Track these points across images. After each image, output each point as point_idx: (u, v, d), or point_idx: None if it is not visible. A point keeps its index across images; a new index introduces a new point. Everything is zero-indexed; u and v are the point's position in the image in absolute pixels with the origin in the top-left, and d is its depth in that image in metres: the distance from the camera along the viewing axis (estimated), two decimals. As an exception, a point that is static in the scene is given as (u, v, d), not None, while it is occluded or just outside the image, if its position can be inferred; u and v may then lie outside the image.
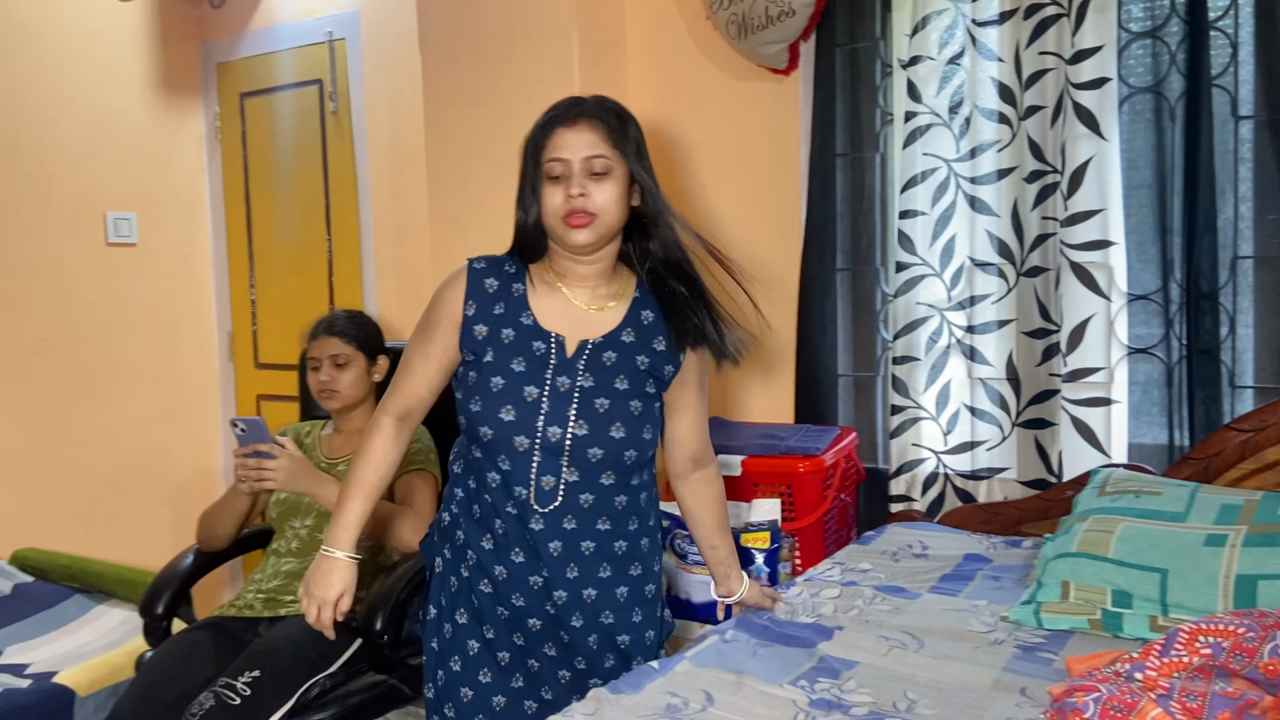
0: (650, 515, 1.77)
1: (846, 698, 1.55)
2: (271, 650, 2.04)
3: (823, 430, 2.54)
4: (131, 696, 2.01)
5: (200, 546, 2.41)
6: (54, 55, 3.41)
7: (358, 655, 2.15)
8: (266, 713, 1.94)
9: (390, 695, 2.17)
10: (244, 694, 1.91)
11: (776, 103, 2.76)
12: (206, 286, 3.98)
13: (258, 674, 1.96)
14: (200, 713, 1.88)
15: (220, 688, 1.92)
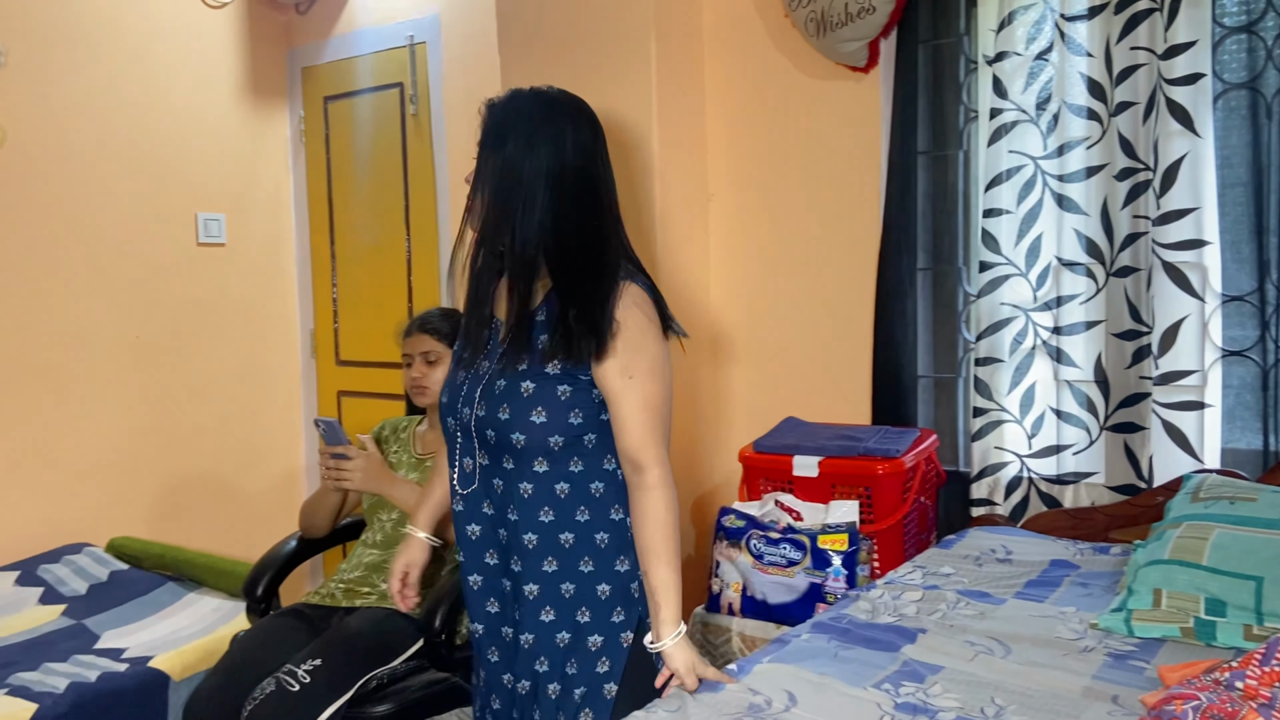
0: (611, 508, 1.66)
1: (933, 702, 1.53)
2: (337, 641, 2.09)
3: (902, 432, 2.51)
4: (212, 677, 2.08)
5: (303, 534, 2.48)
6: (149, 61, 3.53)
7: (423, 651, 2.18)
8: (325, 702, 1.98)
9: (452, 693, 2.19)
10: (303, 681, 1.96)
11: (855, 101, 2.73)
12: (290, 285, 4.08)
13: (319, 663, 2.00)
14: (260, 697, 1.94)
15: (283, 674, 1.98)
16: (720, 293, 3.01)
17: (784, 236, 2.89)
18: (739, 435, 2.96)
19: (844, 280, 2.79)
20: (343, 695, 2.00)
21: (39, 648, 2.62)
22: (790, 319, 2.89)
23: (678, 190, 2.85)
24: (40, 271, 3.25)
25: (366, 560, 2.35)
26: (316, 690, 1.96)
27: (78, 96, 3.33)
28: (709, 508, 3.00)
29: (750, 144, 2.92)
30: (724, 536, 2.45)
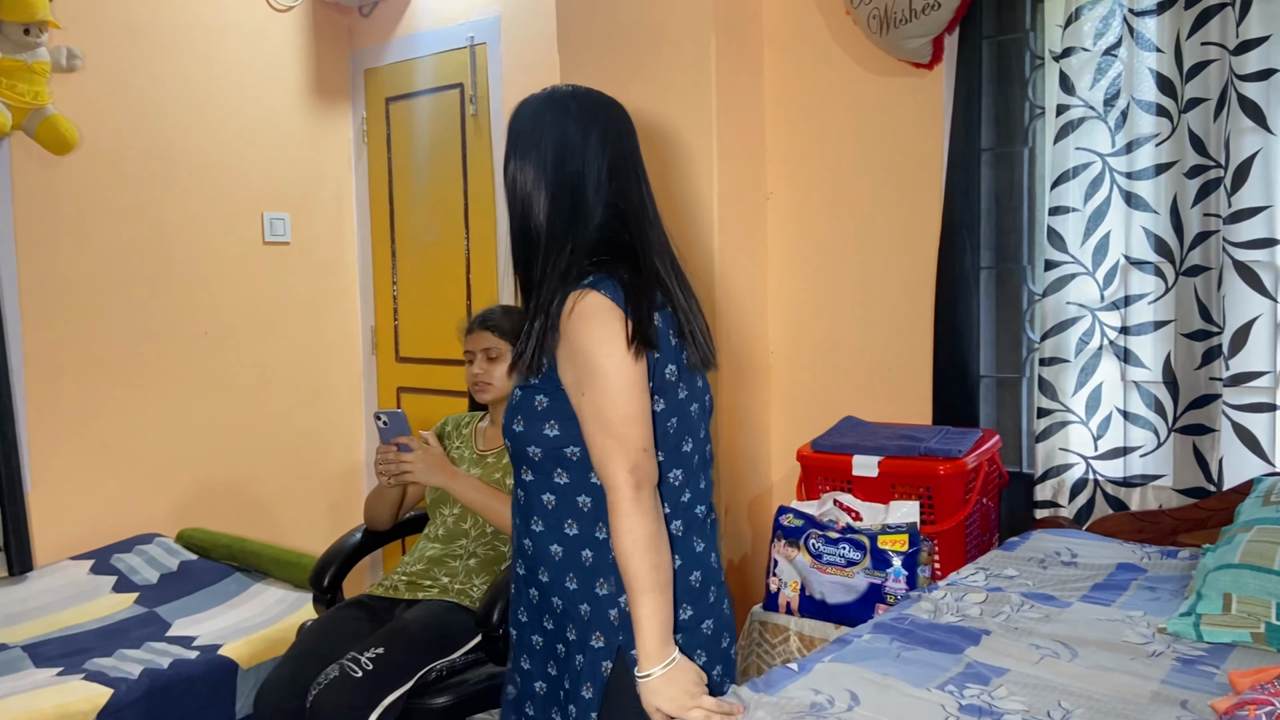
0: (595, 526, 1.58)
1: (998, 704, 1.52)
2: (400, 631, 2.13)
3: (964, 432, 2.49)
4: (282, 667, 2.13)
5: (367, 526, 2.53)
6: (218, 64, 3.62)
7: (480, 645, 2.21)
8: (386, 689, 2.02)
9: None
10: (366, 668, 2.00)
11: (918, 97, 2.71)
12: (352, 283, 4.16)
13: (381, 651, 2.04)
14: (325, 682, 1.99)
15: (346, 661, 2.02)
16: (778, 291, 3.00)
17: (843, 234, 2.88)
18: (797, 434, 2.95)
19: (905, 278, 2.77)
20: (404, 684, 2.04)
21: (114, 634, 2.70)
22: (849, 317, 2.87)
23: (735, 189, 2.85)
24: (114, 269, 3.35)
25: (429, 554, 2.39)
26: (378, 678, 2.00)
27: (150, 99, 3.42)
28: (766, 506, 3.00)
29: (809, 141, 2.92)
30: (782, 535, 2.44)
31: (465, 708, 2.14)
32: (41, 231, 3.16)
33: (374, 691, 1.99)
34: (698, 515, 1.65)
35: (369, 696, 1.98)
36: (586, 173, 1.60)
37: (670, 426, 1.60)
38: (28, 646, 2.62)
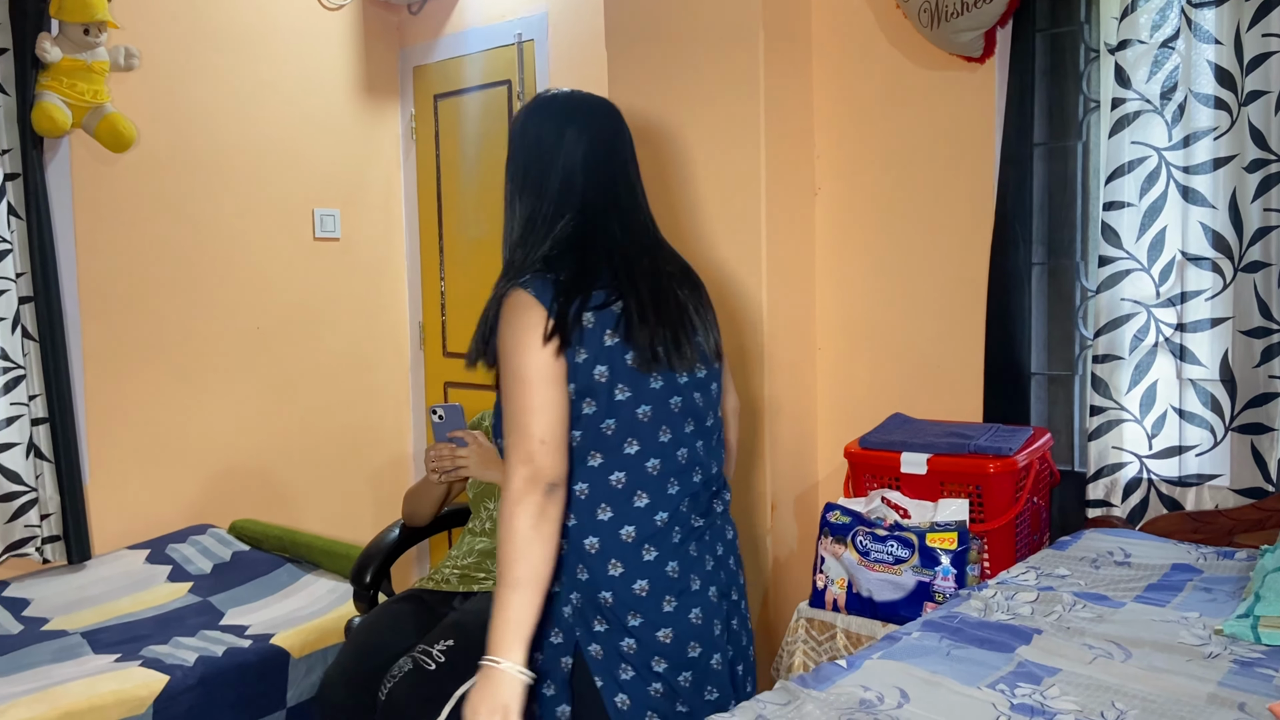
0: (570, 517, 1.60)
1: (1050, 704, 1.50)
2: (466, 623, 2.14)
3: (1015, 430, 2.46)
4: (342, 660, 2.16)
5: (405, 522, 2.55)
6: (268, 61, 3.67)
7: None
8: (457, 681, 2.03)
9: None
10: (439, 661, 2.02)
11: (969, 91, 2.68)
12: (400, 279, 4.20)
13: (452, 643, 2.06)
14: (399, 675, 2.01)
15: (418, 654, 2.04)
16: (826, 287, 2.99)
17: (892, 230, 2.85)
18: (844, 431, 2.93)
19: (954, 274, 2.74)
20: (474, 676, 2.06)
21: (169, 623, 2.76)
22: (898, 313, 2.85)
23: (783, 185, 2.84)
24: (169, 265, 3.41)
25: (478, 547, 2.41)
26: (451, 670, 2.03)
27: (204, 97, 3.48)
28: (813, 503, 2.99)
29: (858, 136, 2.90)
30: (829, 532, 2.43)
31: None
32: (100, 228, 3.23)
33: (447, 683, 2.01)
34: (656, 523, 1.61)
35: (443, 688, 2.00)
36: (552, 172, 1.65)
37: (606, 429, 1.59)
38: (87, 633, 2.68)
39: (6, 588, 2.88)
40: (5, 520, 2.92)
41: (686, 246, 2.92)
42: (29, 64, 2.93)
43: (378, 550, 2.49)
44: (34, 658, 2.52)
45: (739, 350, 2.82)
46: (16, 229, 2.94)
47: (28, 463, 2.95)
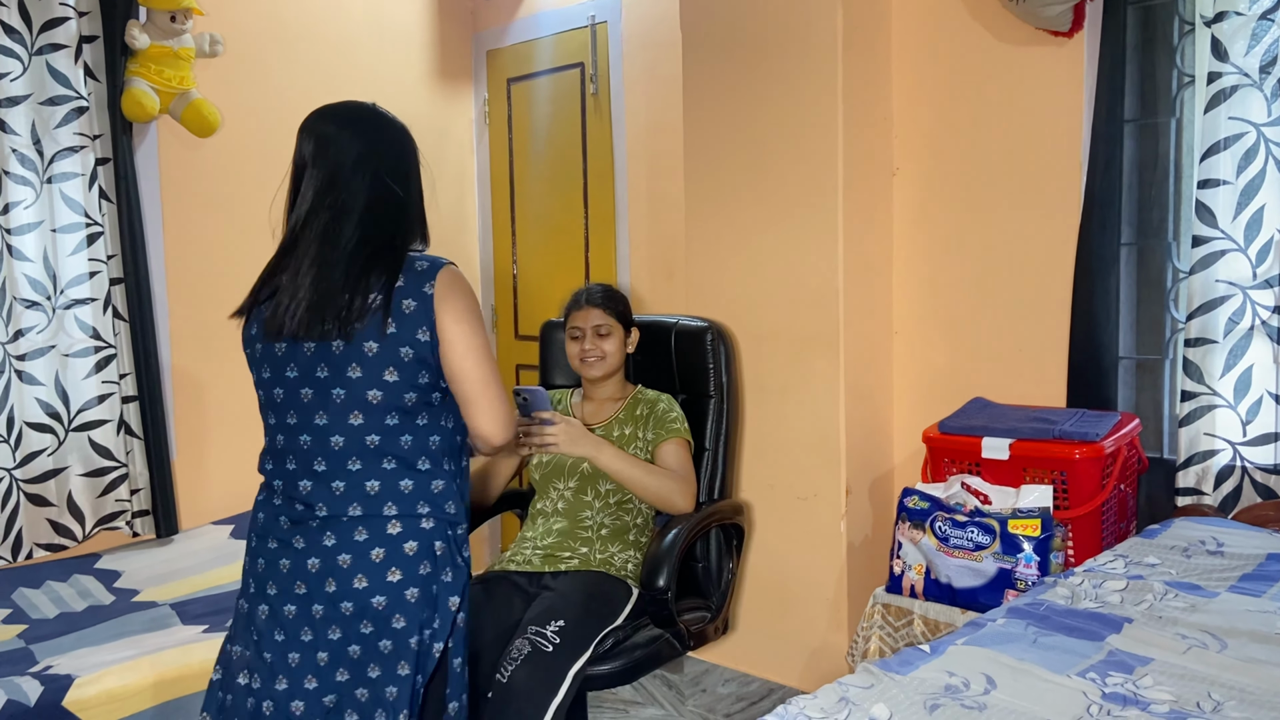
0: None
1: (1144, 694, 1.46)
2: (568, 603, 2.17)
3: (1101, 415, 2.39)
4: None
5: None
6: (345, 48, 3.72)
7: (637, 609, 2.25)
8: (572, 659, 2.07)
9: (665, 649, 2.27)
10: (554, 642, 2.05)
11: (1057, 66, 2.61)
12: (474, 263, 4.24)
13: (562, 624, 2.08)
14: (520, 657, 2.02)
15: (532, 635, 2.06)
16: (903, 269, 2.94)
17: (974, 210, 2.79)
18: (921, 415, 2.89)
19: (1039, 255, 2.68)
20: (585, 653, 2.09)
21: (253, 595, 2.82)
22: (979, 296, 2.79)
23: (861, 164, 2.80)
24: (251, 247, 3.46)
25: (557, 527, 2.43)
26: (566, 649, 2.06)
27: (284, 83, 3.54)
28: (888, 488, 2.95)
29: (939, 114, 2.84)
30: (906, 518, 2.40)
31: (636, 671, 2.20)
32: (186, 211, 3.31)
33: (564, 662, 2.05)
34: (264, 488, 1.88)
35: (561, 668, 2.04)
36: None
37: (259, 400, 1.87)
38: (175, 604, 2.76)
39: (99, 560, 2.97)
40: (97, 495, 3.02)
41: (760, 229, 2.90)
42: (118, 51, 3.00)
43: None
44: (127, 627, 2.61)
45: (814, 334, 2.79)
46: (108, 212, 3.03)
47: (118, 439, 3.05)
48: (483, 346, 1.75)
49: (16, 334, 2.87)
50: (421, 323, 1.71)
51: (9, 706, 2.12)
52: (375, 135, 1.82)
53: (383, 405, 1.73)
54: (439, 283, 1.73)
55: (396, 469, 1.74)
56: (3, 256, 2.82)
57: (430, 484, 1.77)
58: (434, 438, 1.78)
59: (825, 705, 1.45)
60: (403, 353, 1.71)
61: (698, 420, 2.60)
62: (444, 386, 1.77)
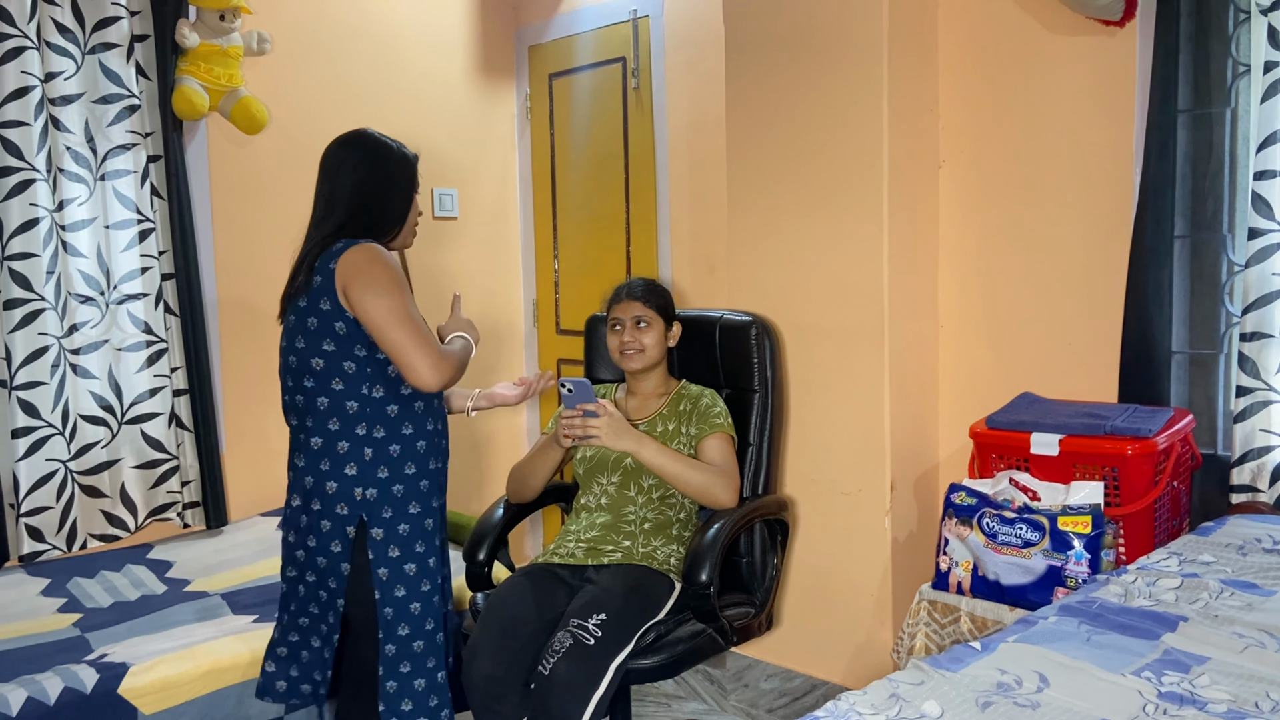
0: None
1: (1200, 693, 1.44)
2: (611, 596, 2.18)
3: (1154, 411, 2.36)
4: (487, 633, 2.17)
5: (510, 499, 2.59)
6: (389, 43, 3.75)
7: (679, 603, 2.25)
8: (614, 653, 2.08)
9: (708, 644, 2.27)
10: (596, 635, 2.06)
11: (1108, 56, 2.56)
12: (515, 257, 4.26)
13: (604, 617, 2.09)
14: (562, 650, 2.04)
15: (574, 628, 2.07)
16: (949, 262, 2.91)
17: (1021, 203, 2.76)
18: (967, 410, 2.86)
19: (1089, 249, 2.64)
20: (627, 646, 2.10)
21: (301, 587, 2.86)
22: (1026, 289, 2.76)
23: (906, 157, 2.77)
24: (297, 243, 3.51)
25: (600, 521, 2.43)
26: (608, 642, 2.07)
27: (330, 80, 3.58)
28: (933, 484, 2.93)
29: (986, 106, 2.80)
30: (953, 514, 2.38)
31: (678, 666, 2.21)
32: (234, 207, 3.36)
33: (606, 655, 2.06)
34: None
35: (603, 661, 2.05)
36: None
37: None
38: (226, 595, 2.81)
39: (151, 550, 3.03)
40: (149, 486, 3.08)
41: (804, 222, 2.88)
42: (169, 49, 3.05)
43: (489, 528, 2.54)
44: (178, 617, 2.65)
45: (858, 327, 2.77)
46: (159, 209, 3.08)
47: (169, 432, 3.10)
48: (387, 309, 1.98)
49: (71, 328, 2.92)
50: (323, 295, 2.01)
51: (66, 694, 2.17)
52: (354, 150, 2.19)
53: (297, 370, 2.09)
54: (342, 260, 2.00)
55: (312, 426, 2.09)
56: (58, 253, 2.88)
57: (337, 443, 2.05)
58: (351, 403, 2.04)
59: (876, 701, 1.44)
60: (309, 323, 2.03)
61: (741, 415, 2.59)
62: (359, 355, 2.03)
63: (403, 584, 2.06)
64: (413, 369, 1.98)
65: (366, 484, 2.05)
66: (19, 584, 2.76)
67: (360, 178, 2.13)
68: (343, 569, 2.05)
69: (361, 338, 2.02)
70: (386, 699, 2.06)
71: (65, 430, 2.89)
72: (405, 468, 2.08)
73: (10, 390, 2.79)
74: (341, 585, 2.06)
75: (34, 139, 2.78)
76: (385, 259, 2.03)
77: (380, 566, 2.05)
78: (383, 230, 2.15)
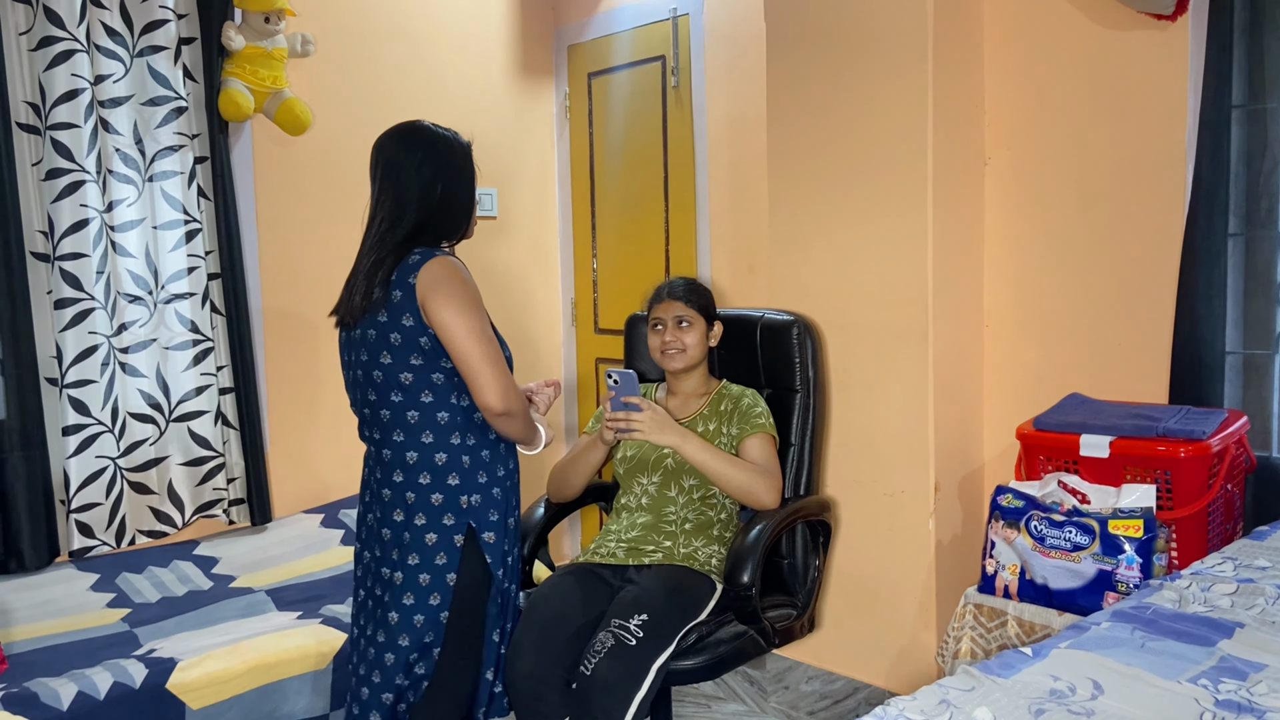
0: None
1: (1259, 701, 1.41)
2: (652, 596, 2.17)
3: (1207, 413, 2.31)
4: (528, 632, 2.17)
5: (550, 498, 2.59)
6: (430, 44, 3.77)
7: (721, 604, 2.24)
8: (656, 653, 2.07)
9: (750, 646, 2.26)
10: (638, 635, 2.05)
11: (1159, 51, 2.52)
12: (554, 256, 4.27)
13: (645, 618, 2.09)
14: (604, 650, 2.04)
15: (616, 628, 2.07)
16: (995, 262, 2.87)
17: (1069, 200, 2.72)
18: (1013, 412, 2.83)
19: (1138, 247, 2.59)
20: (668, 647, 2.10)
21: (344, 584, 2.89)
22: (1074, 289, 2.72)
23: (951, 155, 2.74)
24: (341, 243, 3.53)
25: (640, 521, 2.43)
26: (650, 642, 2.07)
27: (371, 80, 3.60)
28: (978, 486, 2.89)
29: (1033, 102, 2.76)
30: (1000, 516, 2.35)
31: (720, 667, 2.20)
32: (278, 207, 3.39)
33: (647, 656, 2.06)
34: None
35: (644, 661, 2.05)
36: None
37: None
38: (270, 591, 2.84)
39: (197, 546, 3.07)
40: (196, 483, 3.12)
41: (846, 221, 2.86)
42: (215, 52, 3.09)
43: (530, 527, 2.54)
44: (224, 612, 2.69)
45: (901, 328, 2.75)
46: (205, 209, 3.12)
47: (215, 429, 3.14)
48: (467, 326, 1.99)
49: (120, 328, 2.97)
50: (404, 310, 1.99)
51: (115, 688, 2.20)
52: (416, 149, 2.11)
53: (382, 385, 2.05)
54: (422, 274, 1.99)
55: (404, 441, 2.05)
56: (108, 253, 2.92)
57: (434, 455, 2.04)
58: (442, 414, 2.03)
59: (925, 707, 1.42)
60: (393, 338, 2.01)
61: (783, 415, 2.58)
62: (446, 366, 2.03)
63: (511, 581, 2.14)
64: (484, 387, 2.00)
65: (470, 491, 2.05)
66: (69, 579, 2.81)
67: (427, 178, 2.08)
68: (448, 580, 2.04)
69: (445, 350, 2.03)
70: (485, 687, 2.13)
71: (115, 428, 2.94)
72: (497, 470, 2.11)
73: (61, 388, 2.84)
74: (447, 598, 2.04)
75: (84, 141, 2.83)
76: (463, 274, 2.05)
77: (499, 569, 2.09)
78: (455, 228, 2.15)
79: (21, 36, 2.78)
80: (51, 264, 2.82)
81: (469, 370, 2.00)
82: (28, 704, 2.11)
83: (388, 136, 2.15)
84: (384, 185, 2.10)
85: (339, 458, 3.52)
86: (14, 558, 2.78)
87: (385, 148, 2.13)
